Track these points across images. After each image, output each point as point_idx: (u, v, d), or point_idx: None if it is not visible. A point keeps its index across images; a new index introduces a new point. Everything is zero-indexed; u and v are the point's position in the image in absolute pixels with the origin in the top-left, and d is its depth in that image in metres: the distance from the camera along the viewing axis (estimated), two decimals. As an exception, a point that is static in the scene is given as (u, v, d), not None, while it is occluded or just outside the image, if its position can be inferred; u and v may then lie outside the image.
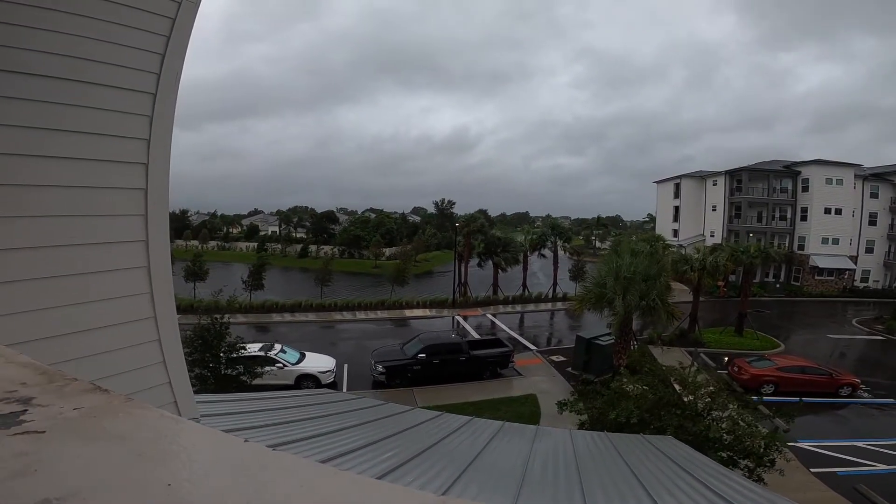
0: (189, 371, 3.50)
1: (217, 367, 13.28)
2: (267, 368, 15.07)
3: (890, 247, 43.25)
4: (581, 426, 11.13)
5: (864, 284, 42.85)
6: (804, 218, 42.55)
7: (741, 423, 9.47)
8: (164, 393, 2.93)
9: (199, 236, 69.71)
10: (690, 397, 10.16)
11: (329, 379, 17.23)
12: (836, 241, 41.78)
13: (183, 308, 24.48)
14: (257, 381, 14.04)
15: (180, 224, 73.01)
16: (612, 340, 17.93)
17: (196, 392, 4.21)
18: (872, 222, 43.15)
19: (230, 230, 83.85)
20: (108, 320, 2.63)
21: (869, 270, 43.32)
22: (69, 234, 2.45)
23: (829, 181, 41.62)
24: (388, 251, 56.83)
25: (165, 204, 2.91)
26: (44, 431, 0.67)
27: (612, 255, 19.83)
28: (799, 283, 42.06)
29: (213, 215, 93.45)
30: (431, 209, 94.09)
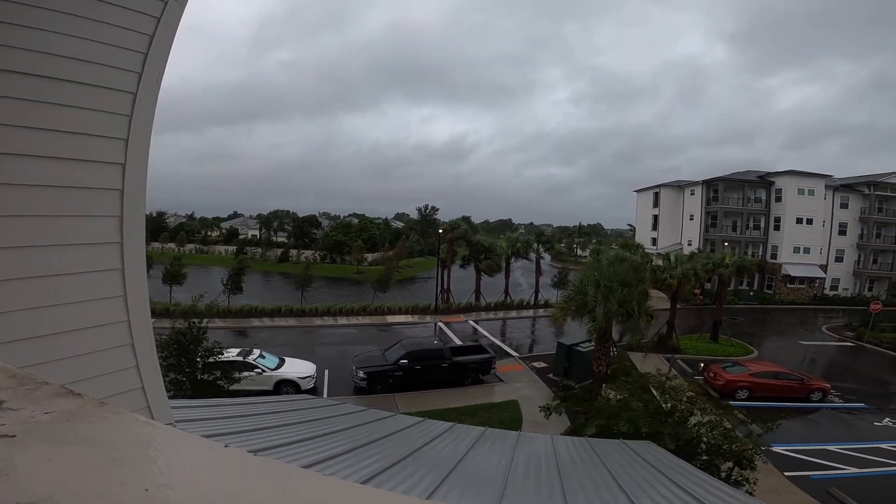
0: (164, 376, 3.41)
1: (193, 372, 12.97)
2: (245, 374, 14.78)
3: (859, 256, 44.83)
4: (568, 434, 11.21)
5: (834, 292, 44.28)
6: (777, 227, 43.83)
7: (724, 427, 9.67)
8: (137, 398, 2.85)
9: (176, 239, 68.23)
10: (670, 403, 10.32)
11: (309, 384, 17.00)
12: (807, 251, 43.12)
13: (158, 312, 23.89)
14: (235, 387, 13.76)
15: (157, 226, 71.40)
16: (592, 347, 18.12)
17: (171, 397, 4.11)
18: (842, 232, 44.70)
19: (209, 233, 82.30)
20: (80, 323, 2.55)
21: (839, 279, 44.80)
22: (41, 234, 2.38)
23: (801, 192, 42.98)
24: (370, 257, 56.51)
25: (142, 206, 2.84)
26: (14, 436, 0.64)
27: (593, 264, 20.13)
28: (772, 291, 43.22)
29: (191, 217, 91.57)
30: (415, 215, 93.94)
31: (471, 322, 30.05)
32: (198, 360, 13.10)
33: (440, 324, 28.98)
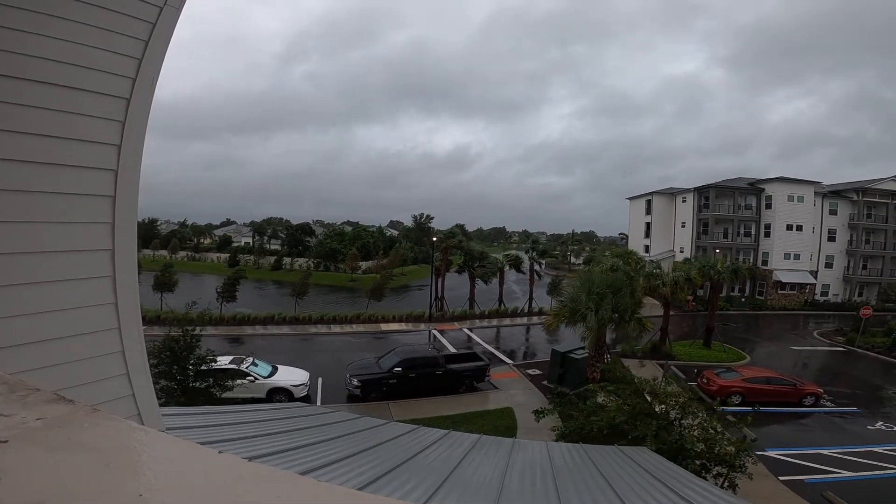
0: (155, 383, 3.38)
1: (185, 379, 12.85)
2: (238, 381, 14.66)
3: (848, 261, 45.34)
4: (558, 435, 11.21)
5: (825, 298, 44.71)
6: (767, 234, 44.26)
7: (711, 431, 9.72)
8: (128, 405, 2.82)
9: (168, 246, 67.79)
10: (662, 407, 10.37)
11: (302, 392, 16.87)
12: (797, 257, 43.55)
13: (149, 319, 23.67)
14: (227, 395, 13.64)
15: (148, 233, 70.95)
16: (586, 354, 18.16)
17: (162, 405, 4.06)
18: (831, 238, 45.22)
19: (201, 241, 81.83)
20: (70, 330, 2.52)
21: (829, 284, 45.26)
22: (32, 241, 2.35)
23: (790, 198, 43.48)
24: (364, 265, 56.36)
25: (134, 212, 2.82)
26: (6, 441, 0.63)
27: (587, 271, 20.26)
28: (763, 297, 43.57)
29: (184, 224, 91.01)
30: (409, 223, 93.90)
31: (465, 330, 30.00)
32: (189, 367, 12.98)
33: (434, 331, 28.91)
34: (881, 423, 17.23)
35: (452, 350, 23.84)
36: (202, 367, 13.19)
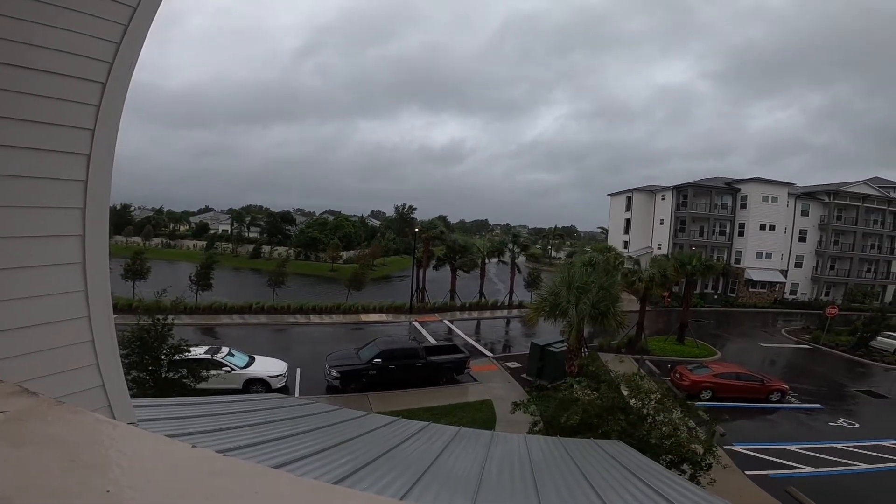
0: (126, 374, 3.30)
1: (157, 370, 12.57)
2: (213, 372, 14.43)
3: (817, 262, 46.92)
4: (533, 427, 11.34)
5: (793, 297, 46.23)
6: (741, 233, 45.48)
7: (683, 429, 9.94)
8: (97, 396, 2.74)
9: (142, 233, 66.16)
10: (638, 403, 10.57)
11: (280, 383, 16.72)
12: (769, 256, 44.90)
13: (121, 307, 23.08)
14: (202, 386, 13.41)
15: (121, 219, 69.12)
16: (565, 347, 18.41)
17: (133, 396, 3.97)
18: (802, 238, 46.73)
19: (177, 227, 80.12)
20: (36, 319, 2.43)
21: (797, 284, 46.80)
22: (-3, 224, 2.25)
23: (765, 199, 44.71)
24: (345, 254, 55.96)
25: (106, 198, 2.73)
26: (-37, 435, 0.60)
27: (567, 266, 20.51)
28: (735, 295, 44.82)
29: (159, 211, 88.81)
30: (391, 213, 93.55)
31: (446, 322, 30.10)
32: (162, 357, 12.70)
33: (415, 323, 28.93)
34: (843, 419, 17.90)
35: (433, 342, 23.91)
36: (175, 358, 12.92)
